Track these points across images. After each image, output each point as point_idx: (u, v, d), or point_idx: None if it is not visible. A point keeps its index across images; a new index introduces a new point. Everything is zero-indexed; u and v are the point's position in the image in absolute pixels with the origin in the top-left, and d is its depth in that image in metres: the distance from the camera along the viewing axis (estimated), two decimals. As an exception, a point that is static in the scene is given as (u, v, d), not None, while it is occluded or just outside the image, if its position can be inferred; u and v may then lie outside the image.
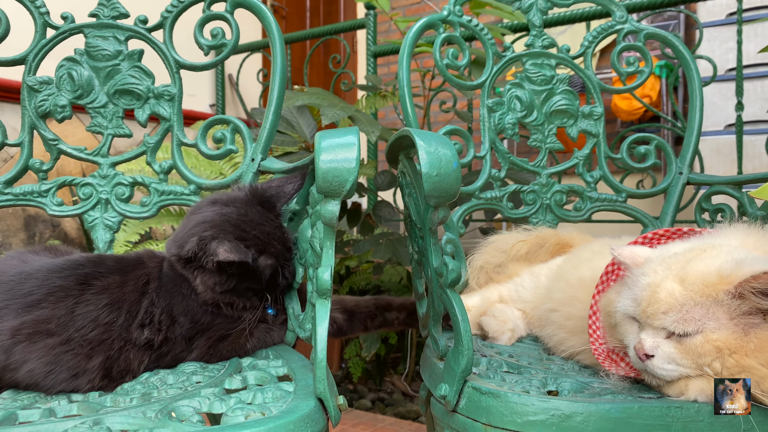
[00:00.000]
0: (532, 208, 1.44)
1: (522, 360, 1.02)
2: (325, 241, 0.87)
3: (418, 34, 1.38)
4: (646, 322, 0.82)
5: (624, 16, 1.47)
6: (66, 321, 0.93)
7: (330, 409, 0.79)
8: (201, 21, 1.31)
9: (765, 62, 3.04)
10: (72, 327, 0.93)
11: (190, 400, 0.80)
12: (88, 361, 0.93)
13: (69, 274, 0.98)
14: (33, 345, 0.92)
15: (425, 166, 0.80)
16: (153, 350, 0.99)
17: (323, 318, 0.81)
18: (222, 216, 1.02)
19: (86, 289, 0.97)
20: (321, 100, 1.97)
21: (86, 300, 0.96)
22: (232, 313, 1.03)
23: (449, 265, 0.87)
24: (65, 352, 0.92)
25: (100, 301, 0.96)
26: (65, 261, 1.02)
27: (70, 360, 0.92)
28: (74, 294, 0.96)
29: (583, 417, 0.76)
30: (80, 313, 0.95)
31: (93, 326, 0.94)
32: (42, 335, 0.92)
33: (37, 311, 0.94)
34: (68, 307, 0.95)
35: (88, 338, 0.93)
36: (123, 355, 0.95)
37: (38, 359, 0.91)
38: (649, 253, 0.89)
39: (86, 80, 1.26)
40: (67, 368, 0.92)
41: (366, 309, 1.14)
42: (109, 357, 0.94)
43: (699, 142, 1.41)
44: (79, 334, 0.93)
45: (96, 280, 0.98)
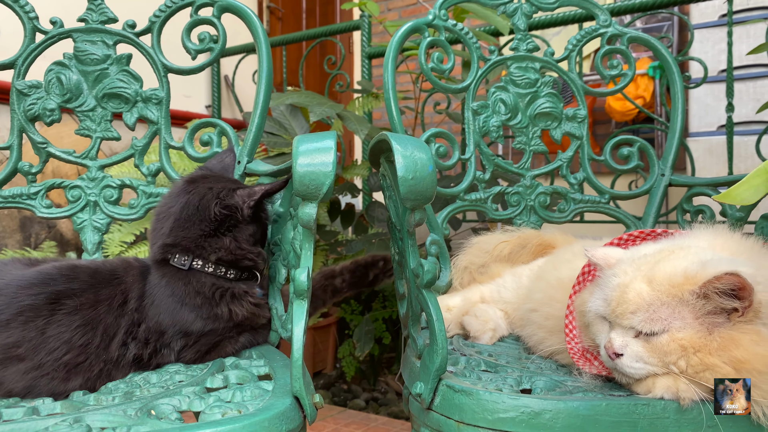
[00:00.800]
0: (517, 210, 1.46)
1: (500, 359, 1.04)
2: (304, 242, 0.89)
3: (403, 38, 1.40)
4: (616, 322, 0.83)
5: (607, 20, 1.49)
6: (37, 344, 0.90)
7: (306, 407, 0.80)
8: (188, 25, 1.33)
9: (757, 63, 3.06)
10: (43, 350, 0.90)
11: (171, 398, 0.82)
12: (66, 384, 0.91)
13: (39, 291, 0.94)
14: (5, 371, 0.89)
15: (401, 169, 0.82)
16: (142, 364, 0.98)
17: (300, 318, 0.83)
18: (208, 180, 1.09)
19: (57, 308, 0.93)
20: (310, 100, 1.99)
21: (57, 321, 0.92)
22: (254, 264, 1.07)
23: (425, 267, 0.89)
24: (40, 376, 0.90)
25: (72, 322, 0.93)
26: (36, 275, 0.97)
27: (47, 384, 0.90)
28: (44, 315, 0.92)
29: (552, 414, 0.78)
30: (52, 335, 0.91)
31: (66, 349, 0.91)
32: (13, 360, 0.89)
33: (5, 333, 0.90)
34: (39, 329, 0.91)
35: (63, 362, 0.91)
36: (104, 375, 0.94)
37: (14, 384, 0.89)
38: (621, 254, 0.91)
39: (75, 84, 1.28)
40: (47, 392, 0.90)
41: (317, 285, 1.18)
42: (89, 378, 0.93)
43: (681, 143, 1.43)
44: (52, 357, 0.90)
45: (68, 299, 0.95)
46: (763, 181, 0.82)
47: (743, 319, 0.78)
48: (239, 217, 1.04)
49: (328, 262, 2.81)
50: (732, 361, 0.76)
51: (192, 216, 1.03)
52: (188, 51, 1.33)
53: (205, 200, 1.04)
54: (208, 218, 1.03)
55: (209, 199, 1.04)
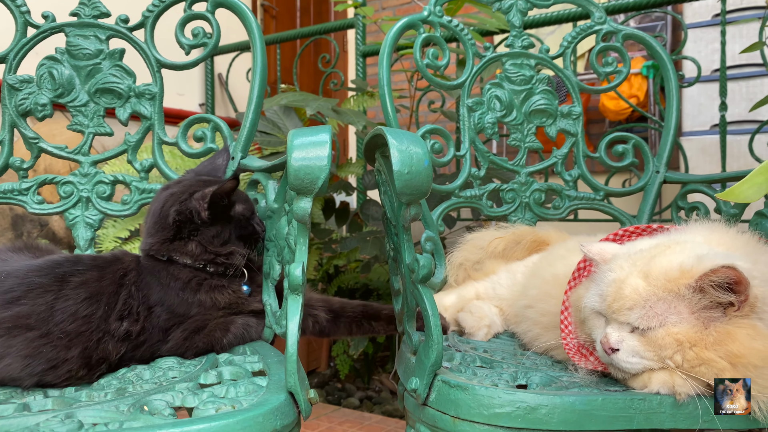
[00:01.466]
0: (512, 207, 1.46)
1: (496, 355, 1.04)
2: (299, 237, 0.88)
3: (398, 34, 1.39)
4: (612, 317, 0.83)
5: (602, 17, 1.49)
6: (45, 316, 0.95)
7: (300, 403, 0.80)
8: (182, 20, 1.32)
9: (750, 63, 3.07)
10: (51, 321, 0.95)
11: (164, 394, 0.81)
12: (67, 352, 0.94)
13: (48, 272, 1.00)
14: (12, 339, 0.93)
15: (397, 164, 0.81)
16: (131, 340, 1.01)
17: (294, 313, 0.83)
18: (180, 184, 1.09)
19: (65, 285, 0.99)
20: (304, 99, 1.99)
21: (65, 295, 0.98)
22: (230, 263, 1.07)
23: (420, 261, 0.88)
24: (44, 344, 0.94)
25: (78, 295, 0.98)
26: (44, 261, 1.04)
27: (49, 352, 0.94)
28: (53, 290, 0.98)
29: (548, 409, 0.78)
30: (59, 308, 0.96)
31: (72, 319, 0.96)
32: (21, 329, 0.94)
33: (16, 308, 0.96)
34: (47, 303, 0.97)
35: (67, 331, 0.95)
36: (101, 346, 0.97)
37: (17, 353, 0.93)
38: (616, 249, 0.91)
39: (67, 79, 1.27)
40: (46, 360, 0.93)
41: (352, 314, 1.15)
42: (87, 347, 0.96)
43: (675, 141, 1.43)
44: (58, 328, 0.95)
45: (74, 277, 1.00)
46: (765, 180, 0.82)
47: (739, 313, 0.78)
48: (197, 220, 1.06)
49: (322, 260, 2.80)
50: (728, 356, 0.76)
51: (156, 223, 1.08)
52: (182, 46, 1.32)
53: (165, 207, 1.07)
54: (167, 225, 1.06)
55: (169, 205, 1.07)
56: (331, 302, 1.16)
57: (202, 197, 1.06)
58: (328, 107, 2.12)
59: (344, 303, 1.16)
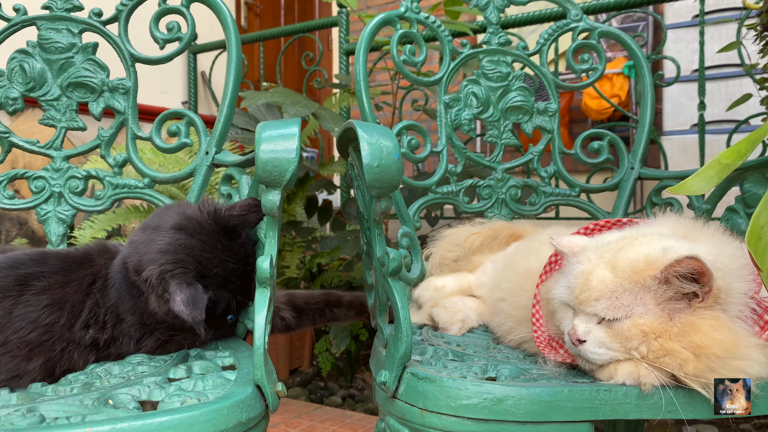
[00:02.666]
0: (488, 203, 1.46)
1: (468, 349, 1.04)
2: (268, 231, 0.88)
3: (375, 29, 1.39)
4: (579, 309, 0.84)
5: (579, 15, 1.50)
6: (3, 323, 0.91)
7: (267, 396, 0.80)
8: (157, 14, 1.31)
9: (728, 63, 3.10)
10: (9, 329, 0.90)
11: (130, 388, 0.81)
12: (27, 363, 0.90)
13: (8, 273, 0.95)
14: None
15: (366, 156, 0.81)
16: (99, 349, 0.97)
17: (262, 306, 0.82)
18: (186, 249, 0.96)
19: (25, 289, 0.94)
20: (284, 99, 1.98)
21: (25, 301, 0.93)
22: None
23: (390, 255, 0.88)
24: (3, 354, 0.90)
25: (40, 301, 0.93)
26: (6, 259, 0.98)
27: (8, 362, 0.90)
28: (12, 295, 0.93)
29: (514, 400, 0.78)
30: (18, 314, 0.92)
31: (32, 328, 0.91)
32: None
33: None
34: (5, 309, 0.92)
35: (27, 340, 0.91)
36: (66, 356, 0.94)
37: None
38: (585, 242, 0.91)
39: (39, 73, 1.26)
40: (6, 370, 0.90)
41: (315, 305, 1.15)
42: (50, 358, 0.92)
43: (650, 137, 1.44)
44: (17, 336, 0.90)
45: (36, 281, 0.95)
46: (716, 173, 0.83)
47: (703, 305, 0.79)
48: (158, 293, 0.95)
49: (305, 259, 2.80)
50: (691, 347, 0.76)
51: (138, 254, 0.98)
52: (156, 40, 1.31)
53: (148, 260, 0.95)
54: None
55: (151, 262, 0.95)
56: (294, 298, 1.15)
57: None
58: (307, 112, 2.11)
59: (307, 296, 1.16)
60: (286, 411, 2.28)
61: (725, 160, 0.83)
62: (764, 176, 1.18)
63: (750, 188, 1.20)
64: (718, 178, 0.80)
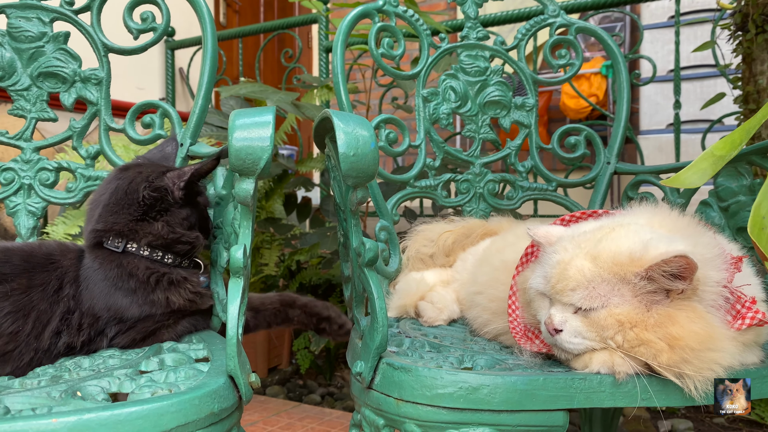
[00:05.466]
0: (466, 197, 1.46)
1: (445, 341, 1.04)
2: (242, 220, 0.86)
3: (352, 22, 1.39)
4: (556, 298, 0.84)
5: (556, 10, 1.51)
6: None
7: (241, 386, 0.78)
8: (130, 4, 1.29)
9: (703, 64, 3.15)
10: None
11: (99, 380, 0.79)
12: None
13: None
14: None
15: (342, 146, 0.80)
16: (75, 352, 0.95)
17: (235, 296, 0.81)
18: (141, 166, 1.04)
19: None
20: (263, 90, 1.96)
21: None
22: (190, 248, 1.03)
23: (366, 245, 0.88)
24: None
25: (1, 309, 0.89)
26: None
27: None
28: None
29: (489, 389, 0.78)
30: None
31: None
32: None
33: None
34: None
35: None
36: (34, 365, 0.91)
37: None
38: (562, 232, 0.92)
39: (8, 62, 1.23)
40: None
41: (271, 306, 1.14)
42: (17, 368, 0.89)
43: (626, 132, 1.46)
44: None
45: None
46: (709, 165, 0.84)
47: (682, 296, 0.79)
48: (170, 199, 1.01)
49: (284, 256, 2.78)
50: (667, 338, 0.77)
51: (121, 200, 1.01)
52: (130, 30, 1.28)
53: (133, 184, 1.01)
54: (136, 202, 1.00)
55: (138, 182, 1.01)
56: (251, 299, 1.14)
57: (178, 176, 1.01)
58: (288, 101, 2.10)
59: (263, 298, 1.16)
60: (264, 409, 2.26)
61: (719, 151, 0.83)
62: (737, 170, 1.20)
63: (723, 182, 1.21)
64: (712, 170, 0.80)
